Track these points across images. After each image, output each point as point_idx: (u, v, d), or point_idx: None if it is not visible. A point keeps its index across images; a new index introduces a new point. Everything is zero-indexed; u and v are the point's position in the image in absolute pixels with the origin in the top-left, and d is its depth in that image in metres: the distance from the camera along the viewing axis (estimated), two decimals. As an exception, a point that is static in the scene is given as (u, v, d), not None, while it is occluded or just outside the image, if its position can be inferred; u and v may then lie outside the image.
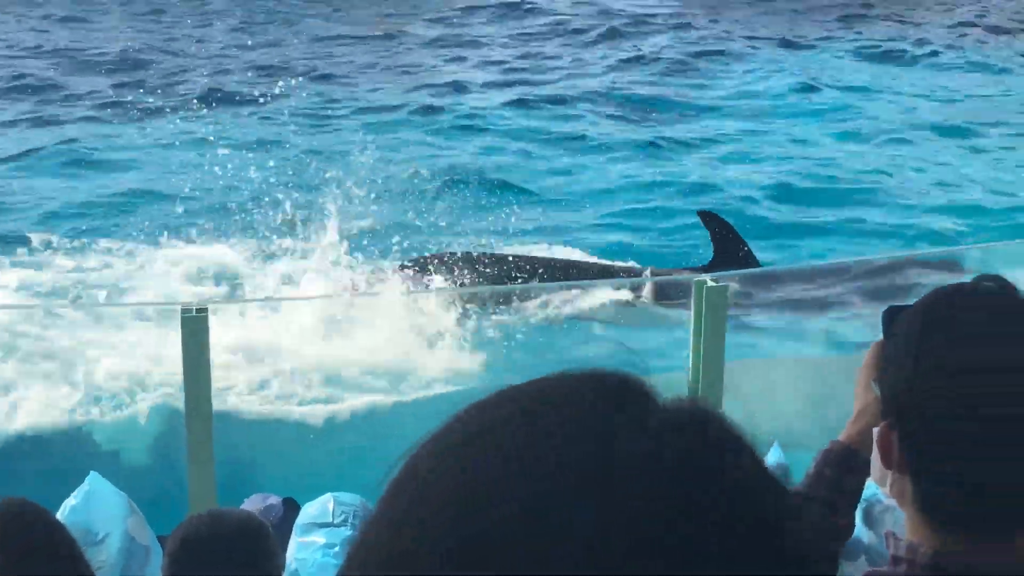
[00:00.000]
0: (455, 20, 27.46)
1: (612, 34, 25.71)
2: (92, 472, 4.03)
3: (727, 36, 26.05)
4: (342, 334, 10.35)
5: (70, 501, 3.84)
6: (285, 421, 8.95)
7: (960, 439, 1.73)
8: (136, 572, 3.67)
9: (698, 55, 23.82)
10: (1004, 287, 1.84)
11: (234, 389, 9.14)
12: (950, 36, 26.22)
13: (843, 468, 2.26)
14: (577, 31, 26.38)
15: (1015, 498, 1.75)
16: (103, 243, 13.88)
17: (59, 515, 3.74)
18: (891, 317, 2.02)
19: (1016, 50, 24.72)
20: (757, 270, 12.49)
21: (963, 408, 1.72)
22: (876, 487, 2.85)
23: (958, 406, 1.73)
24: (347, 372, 9.79)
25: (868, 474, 2.16)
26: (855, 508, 2.36)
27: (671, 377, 7.50)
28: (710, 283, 7.21)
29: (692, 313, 7.13)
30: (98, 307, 11.81)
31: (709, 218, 13.10)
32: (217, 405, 6.22)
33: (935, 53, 24.29)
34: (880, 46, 25.06)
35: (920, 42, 25.27)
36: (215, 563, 3.01)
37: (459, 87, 21.26)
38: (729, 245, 12.64)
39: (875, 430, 1.86)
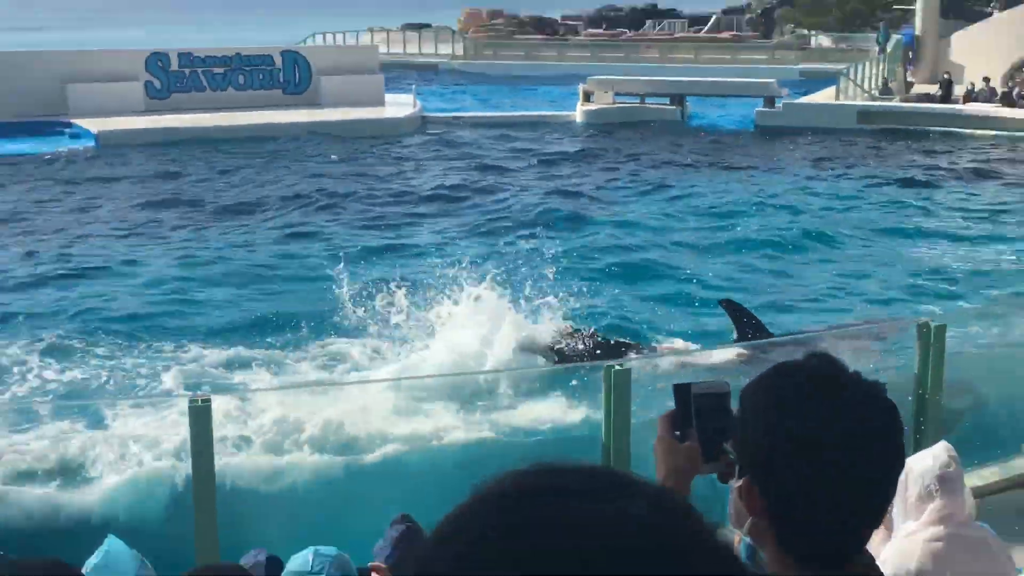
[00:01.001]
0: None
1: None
2: (110, 535, 4.01)
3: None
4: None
5: (92, 559, 3.80)
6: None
7: (795, 485, 1.75)
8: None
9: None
10: (830, 363, 1.84)
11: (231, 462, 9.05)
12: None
13: None
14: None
15: (841, 534, 1.79)
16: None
17: (84, 571, 3.69)
18: (678, 392, 2.07)
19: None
20: (758, 342, 12.25)
21: (804, 466, 1.73)
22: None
23: (789, 458, 1.75)
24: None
25: None
26: None
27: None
28: (617, 367, 7.30)
29: (604, 391, 7.22)
30: (135, 399, 11.66)
31: (729, 305, 13.25)
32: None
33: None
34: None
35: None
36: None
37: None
38: (747, 325, 12.74)
39: (736, 484, 1.86)
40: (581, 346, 12.82)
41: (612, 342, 13.13)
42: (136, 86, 32.67)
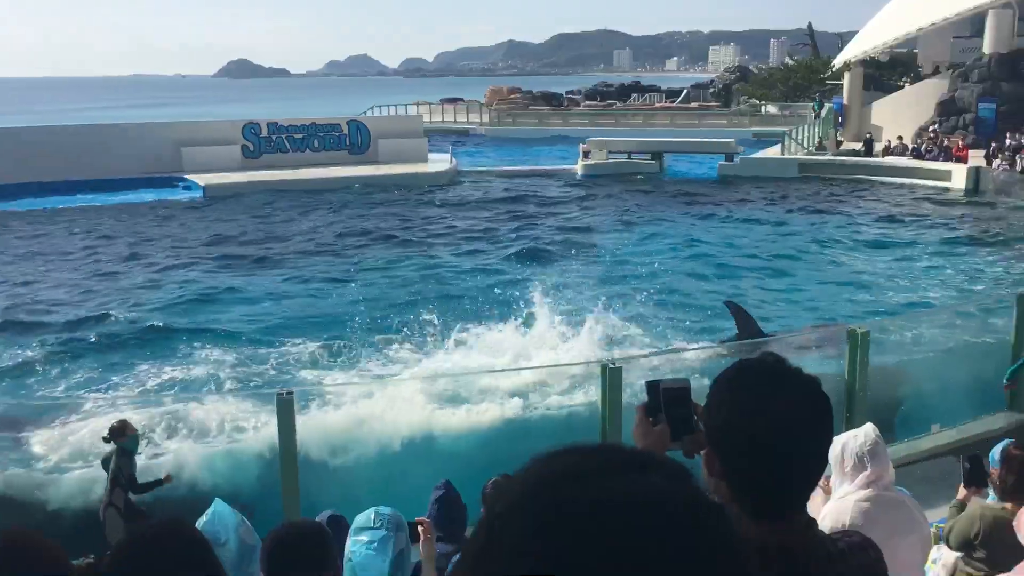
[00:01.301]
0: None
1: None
2: (216, 498, 4.00)
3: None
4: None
5: (202, 518, 3.79)
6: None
7: (745, 455, 1.76)
8: (247, 565, 3.61)
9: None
10: (777, 359, 1.86)
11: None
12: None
13: None
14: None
15: (780, 493, 1.79)
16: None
17: (196, 526, 3.69)
18: (650, 386, 2.11)
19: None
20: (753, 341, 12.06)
21: (744, 434, 1.75)
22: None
23: (742, 433, 1.76)
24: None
25: None
26: None
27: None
28: (611, 366, 7.26)
29: (600, 384, 7.18)
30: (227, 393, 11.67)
31: (731, 306, 13.16)
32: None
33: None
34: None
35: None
36: (297, 555, 2.97)
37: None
38: (746, 324, 12.63)
39: (703, 453, 1.88)
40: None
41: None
42: (235, 148, 32.82)
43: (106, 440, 7.59)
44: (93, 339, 14.25)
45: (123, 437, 7.55)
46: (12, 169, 28.67)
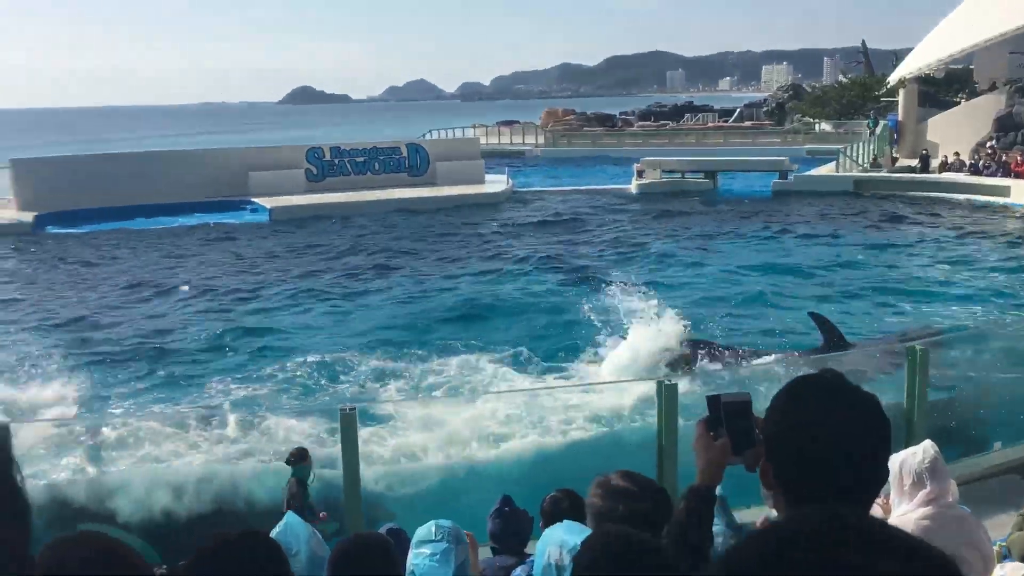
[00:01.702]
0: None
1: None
2: (288, 511, 4.07)
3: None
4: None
5: (275, 530, 3.85)
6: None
7: (796, 465, 1.76)
8: (317, 573, 3.66)
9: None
10: (836, 375, 1.86)
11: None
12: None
13: (708, 500, 2.21)
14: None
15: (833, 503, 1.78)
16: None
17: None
18: (710, 401, 2.12)
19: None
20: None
21: (795, 445, 1.76)
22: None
23: (793, 445, 1.77)
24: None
25: (715, 503, 2.22)
26: (711, 524, 2.26)
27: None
28: (666, 382, 7.20)
29: (656, 404, 7.11)
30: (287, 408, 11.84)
31: (816, 317, 13.07)
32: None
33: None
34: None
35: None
36: (362, 567, 3.01)
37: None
38: (831, 334, 12.52)
39: (760, 467, 1.88)
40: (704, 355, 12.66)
41: (729, 350, 12.96)
42: (299, 172, 33.38)
43: (288, 463, 7.53)
44: (162, 354, 14.57)
45: (299, 463, 7.48)
46: (93, 193, 29.55)
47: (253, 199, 31.32)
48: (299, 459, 7.47)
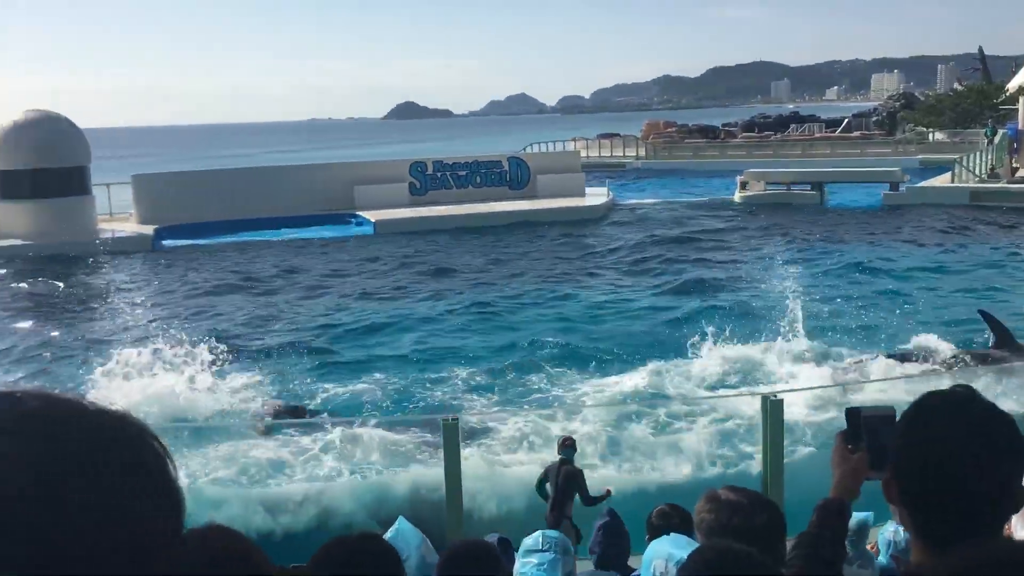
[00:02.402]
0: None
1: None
2: (400, 517, 4.15)
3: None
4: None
5: (387, 534, 3.94)
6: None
7: (918, 481, 1.73)
8: (427, 576, 3.73)
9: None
10: (969, 391, 1.82)
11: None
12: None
13: (841, 514, 2.19)
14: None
15: (962, 523, 1.73)
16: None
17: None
18: (849, 414, 2.09)
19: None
20: None
21: (918, 461, 1.72)
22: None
23: (917, 460, 1.73)
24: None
25: (849, 517, 2.19)
26: (845, 539, 2.26)
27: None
28: (773, 398, 7.02)
29: (760, 420, 6.93)
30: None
31: (985, 315, 12.82)
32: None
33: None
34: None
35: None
36: (471, 572, 3.06)
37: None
38: (1002, 331, 12.29)
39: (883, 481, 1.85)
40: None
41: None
42: (402, 186, 33.99)
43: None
44: (272, 362, 15.02)
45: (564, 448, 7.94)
46: (207, 208, 30.76)
47: (358, 212, 32.04)
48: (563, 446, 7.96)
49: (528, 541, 4.16)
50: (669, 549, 3.12)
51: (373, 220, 30.58)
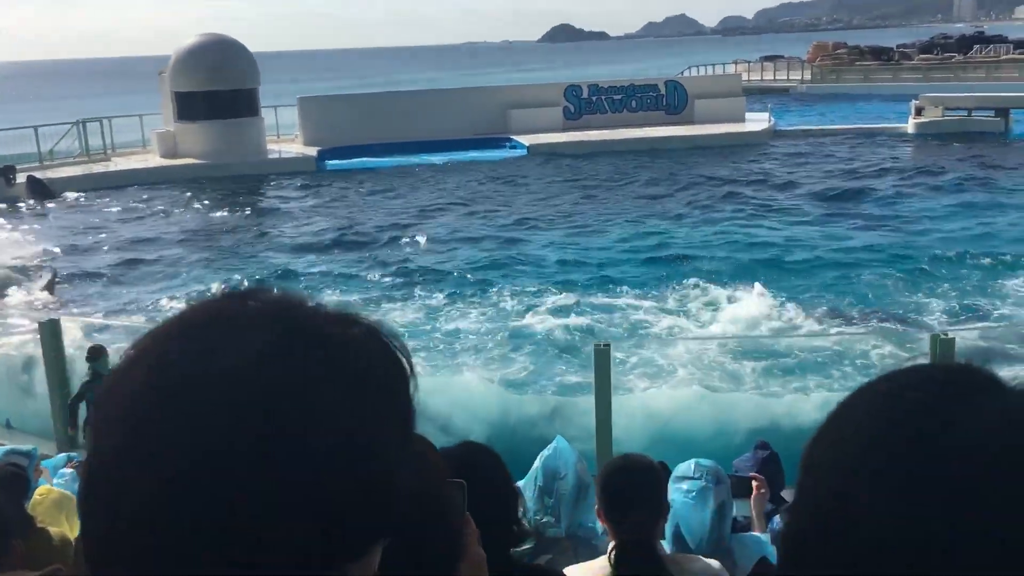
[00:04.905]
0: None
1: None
2: (558, 436, 4.21)
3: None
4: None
5: (545, 451, 4.01)
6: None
7: None
8: (582, 497, 3.78)
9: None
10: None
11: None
12: None
13: None
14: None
15: None
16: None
17: (537, 462, 3.92)
18: None
19: None
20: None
21: None
22: None
23: None
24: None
25: None
26: None
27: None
28: (943, 336, 6.69)
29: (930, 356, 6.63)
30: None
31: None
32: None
33: None
34: None
35: None
36: (634, 486, 3.02)
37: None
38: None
39: None
40: None
41: None
42: (557, 110, 33.78)
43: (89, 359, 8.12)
44: (414, 278, 15.70)
45: (99, 357, 8.03)
46: (366, 130, 31.57)
47: (512, 136, 32.13)
48: (98, 353, 7.98)
49: (681, 467, 4.13)
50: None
51: (527, 144, 30.62)
